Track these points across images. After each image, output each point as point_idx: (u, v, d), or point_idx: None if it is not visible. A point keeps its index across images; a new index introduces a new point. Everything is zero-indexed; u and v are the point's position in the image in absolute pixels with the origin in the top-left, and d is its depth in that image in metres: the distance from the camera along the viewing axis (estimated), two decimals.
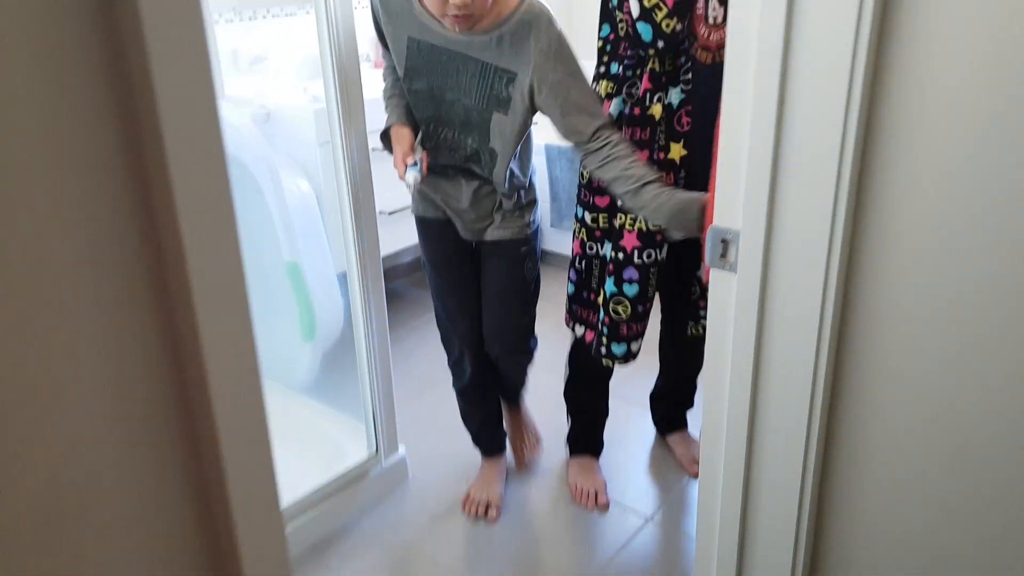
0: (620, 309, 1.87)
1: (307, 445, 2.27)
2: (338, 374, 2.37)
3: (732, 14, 1.07)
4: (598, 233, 1.90)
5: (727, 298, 1.20)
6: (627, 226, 1.81)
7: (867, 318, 1.09)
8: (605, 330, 1.91)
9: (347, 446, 2.21)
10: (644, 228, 1.80)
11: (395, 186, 1.79)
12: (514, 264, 1.98)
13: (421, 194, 1.94)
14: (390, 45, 1.79)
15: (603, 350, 1.94)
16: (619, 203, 1.79)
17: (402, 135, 1.80)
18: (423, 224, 2.03)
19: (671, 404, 2.40)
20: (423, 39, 1.72)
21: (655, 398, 2.43)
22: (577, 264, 1.97)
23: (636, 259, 1.82)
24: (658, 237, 1.81)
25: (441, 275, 2.05)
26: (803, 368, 1.15)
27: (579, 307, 2.01)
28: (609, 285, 1.87)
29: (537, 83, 1.69)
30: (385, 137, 1.85)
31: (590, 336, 2.00)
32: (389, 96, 1.88)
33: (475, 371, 2.12)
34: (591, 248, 1.93)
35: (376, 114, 1.91)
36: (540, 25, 1.66)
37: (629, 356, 1.94)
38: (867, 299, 1.09)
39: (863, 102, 0.98)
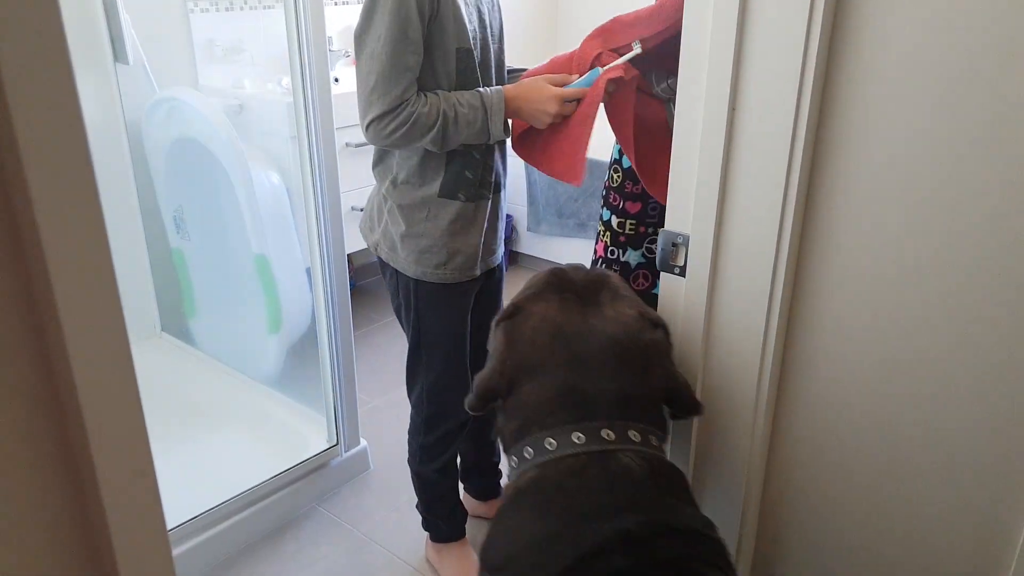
0: None
1: (270, 435, 2.28)
2: (304, 367, 2.37)
3: (687, 14, 1.09)
4: (622, 239, 1.86)
5: (676, 302, 1.22)
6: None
7: (813, 322, 1.12)
8: None
9: (309, 438, 2.21)
10: None
11: (369, 182, 1.68)
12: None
13: (456, 254, 1.62)
14: (449, 9, 1.44)
15: None
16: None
17: (530, 80, 1.53)
18: (454, 291, 1.67)
19: None
20: None
21: None
22: (598, 266, 1.92)
23: None
24: None
25: (461, 341, 1.74)
26: (749, 372, 1.17)
27: None
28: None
29: None
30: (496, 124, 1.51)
31: None
32: (441, 100, 1.47)
33: (458, 440, 1.86)
34: (612, 253, 1.88)
35: (350, 110, 1.80)
36: None
37: None
38: (813, 303, 1.11)
39: (812, 109, 1.00)
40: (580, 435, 1.04)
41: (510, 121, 1.58)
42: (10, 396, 0.49)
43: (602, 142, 1.68)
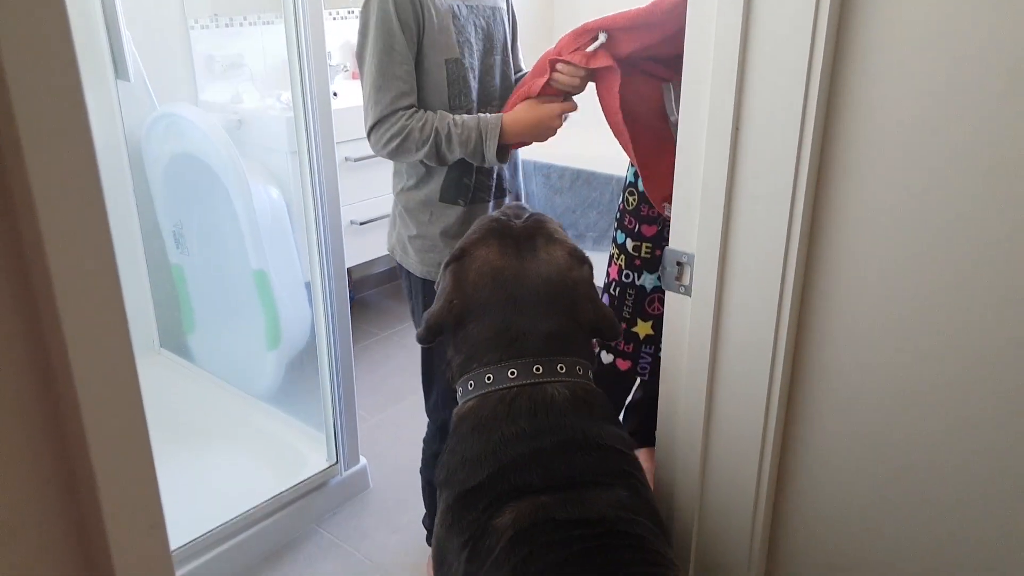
0: None
1: (268, 453, 2.26)
2: (303, 383, 2.35)
3: (689, 31, 1.08)
4: (638, 262, 1.83)
5: (682, 321, 1.20)
6: None
7: (821, 340, 1.10)
8: None
9: (308, 455, 2.19)
10: None
11: (368, 196, 1.69)
12: None
13: None
14: (435, 25, 1.51)
15: None
16: None
17: (526, 105, 1.57)
18: None
19: (644, 417, 2.37)
20: (462, 2, 1.57)
21: (630, 409, 2.40)
22: (612, 290, 1.90)
23: None
24: None
25: None
26: (757, 392, 1.15)
27: None
28: None
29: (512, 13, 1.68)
30: (500, 149, 1.57)
31: (623, 365, 1.90)
32: (437, 118, 1.53)
33: None
34: (627, 276, 1.86)
35: (350, 124, 1.85)
36: None
37: None
38: (821, 320, 1.09)
39: (817, 126, 0.99)
40: (514, 370, 1.20)
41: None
42: (12, 425, 0.48)
43: (607, 157, 1.67)
